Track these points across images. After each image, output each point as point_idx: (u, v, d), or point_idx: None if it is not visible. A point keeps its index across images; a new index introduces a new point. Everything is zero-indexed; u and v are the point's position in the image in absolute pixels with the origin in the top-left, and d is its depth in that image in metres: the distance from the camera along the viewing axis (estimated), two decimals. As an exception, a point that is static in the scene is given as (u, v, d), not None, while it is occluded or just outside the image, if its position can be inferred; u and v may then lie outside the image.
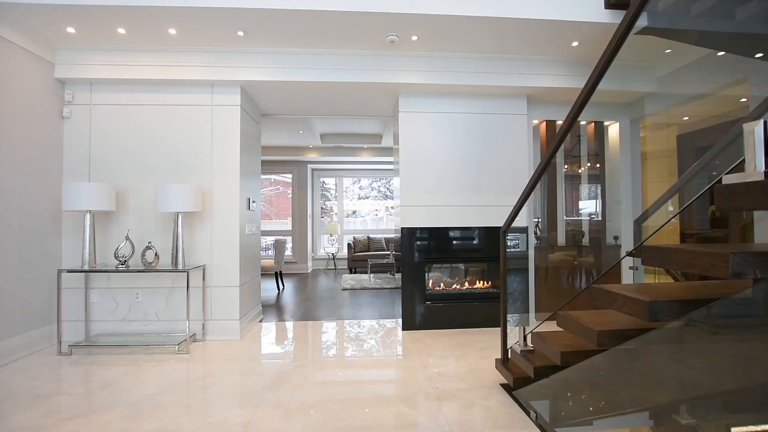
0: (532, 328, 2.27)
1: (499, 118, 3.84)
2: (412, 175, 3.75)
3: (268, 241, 8.33)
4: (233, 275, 3.50)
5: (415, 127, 3.78)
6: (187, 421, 2.04)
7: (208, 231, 3.51)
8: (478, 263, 4.06)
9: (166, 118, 3.51)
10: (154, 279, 3.43)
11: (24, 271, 3.04)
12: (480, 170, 3.80)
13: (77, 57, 3.31)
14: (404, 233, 3.74)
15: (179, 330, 3.38)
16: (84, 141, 3.45)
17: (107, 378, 2.60)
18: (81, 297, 3.40)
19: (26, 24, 2.90)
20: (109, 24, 2.93)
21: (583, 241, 4.40)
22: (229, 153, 3.53)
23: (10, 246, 2.93)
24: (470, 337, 3.46)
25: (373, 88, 3.62)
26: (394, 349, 3.22)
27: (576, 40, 3.23)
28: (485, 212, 3.78)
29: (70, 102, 3.44)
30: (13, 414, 2.11)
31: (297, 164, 8.47)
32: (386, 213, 9.71)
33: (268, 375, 2.66)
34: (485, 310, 3.77)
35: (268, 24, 2.95)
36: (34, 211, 3.15)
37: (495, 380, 2.50)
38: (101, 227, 3.42)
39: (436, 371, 2.70)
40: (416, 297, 3.74)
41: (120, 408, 2.18)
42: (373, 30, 3.04)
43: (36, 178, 3.16)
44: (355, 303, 5.05)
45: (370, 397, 2.31)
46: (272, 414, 2.11)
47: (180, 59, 3.34)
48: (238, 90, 3.53)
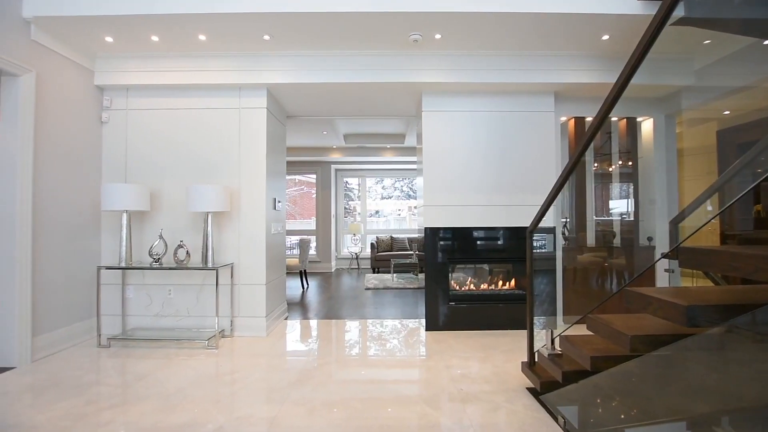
0: (561, 332, 2.21)
1: (525, 116, 3.75)
2: (435, 174, 3.72)
3: (293, 241, 8.48)
4: (260, 273, 3.59)
5: (439, 126, 3.75)
6: (216, 414, 2.10)
7: (236, 230, 3.61)
8: (503, 264, 3.99)
9: (197, 121, 3.63)
10: (185, 276, 3.56)
11: (67, 267, 3.23)
12: (505, 169, 3.73)
13: (115, 65, 3.49)
14: (427, 233, 3.72)
15: (208, 326, 3.50)
16: (121, 144, 3.63)
17: (142, 370, 2.72)
18: (118, 292, 3.58)
19: (69, 35, 3.08)
20: (143, 32, 3.07)
21: (614, 241, 4.24)
22: (256, 154, 3.62)
23: (55, 244, 3.11)
24: (494, 339, 3.40)
25: (397, 87, 3.62)
26: (417, 349, 3.21)
27: (606, 34, 3.11)
28: (510, 212, 3.71)
29: (108, 107, 3.62)
30: (58, 401, 2.24)
31: (321, 164, 8.58)
32: (409, 213, 9.68)
33: (292, 372, 2.71)
34: (510, 312, 3.70)
35: (293, 27, 3.00)
36: (76, 211, 3.34)
37: (521, 383, 2.45)
38: (136, 226, 3.58)
39: (459, 372, 2.67)
40: (439, 297, 3.71)
41: (153, 400, 2.27)
42: (396, 30, 3.04)
43: (78, 180, 3.35)
44: (378, 302, 5.07)
45: (392, 396, 2.32)
46: (297, 410, 2.14)
47: (209, 64, 3.46)
48: (264, 93, 3.61)
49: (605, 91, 1.69)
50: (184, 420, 2.04)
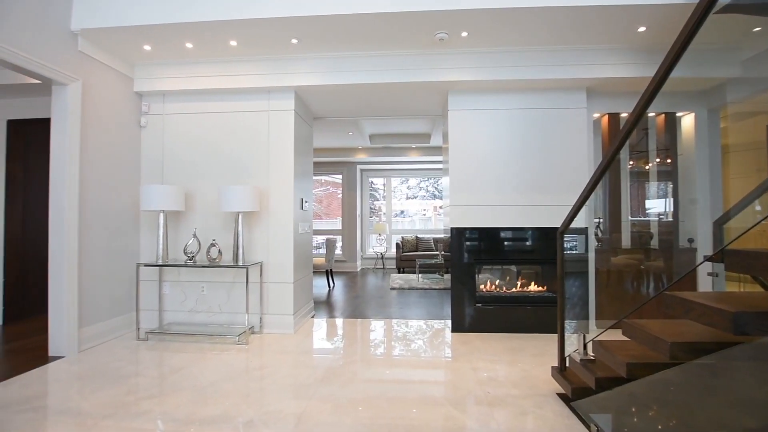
0: (594, 336, 2.13)
1: (555, 113, 3.64)
2: (461, 174, 3.68)
3: (319, 240, 8.62)
4: (288, 272, 3.67)
5: (465, 125, 3.70)
6: (246, 408, 2.17)
7: (264, 230, 3.70)
8: (532, 265, 3.89)
9: (228, 123, 3.76)
10: (217, 274, 3.69)
11: (109, 264, 3.42)
12: (534, 168, 3.63)
13: (152, 72, 3.66)
14: (453, 233, 3.68)
15: (239, 322, 3.61)
16: (158, 147, 3.81)
17: (177, 363, 2.85)
18: (155, 288, 3.75)
19: (112, 45, 3.26)
20: (178, 40, 3.21)
21: (651, 243, 4.03)
22: (284, 155, 3.70)
23: (99, 241, 3.31)
24: (522, 342, 3.32)
25: (422, 87, 3.61)
26: (443, 350, 3.19)
27: (643, 25, 2.97)
28: (540, 212, 3.61)
29: (146, 112, 3.81)
30: (101, 390, 2.38)
31: (346, 165, 8.67)
32: (434, 213, 9.62)
33: (319, 369, 2.75)
34: (539, 315, 3.60)
35: (320, 30, 3.05)
36: (117, 211, 3.53)
37: (550, 389, 2.38)
38: (172, 225, 3.75)
39: (486, 375, 2.63)
40: (466, 298, 3.67)
41: (188, 392, 2.37)
42: (422, 29, 3.03)
43: (119, 181, 3.54)
44: (403, 302, 5.06)
45: (418, 397, 2.31)
46: (324, 407, 2.18)
47: (239, 69, 3.57)
48: (292, 95, 3.69)
49: (641, 85, 1.62)
50: (216, 413, 2.11)
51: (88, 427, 1.96)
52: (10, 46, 2.57)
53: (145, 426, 1.97)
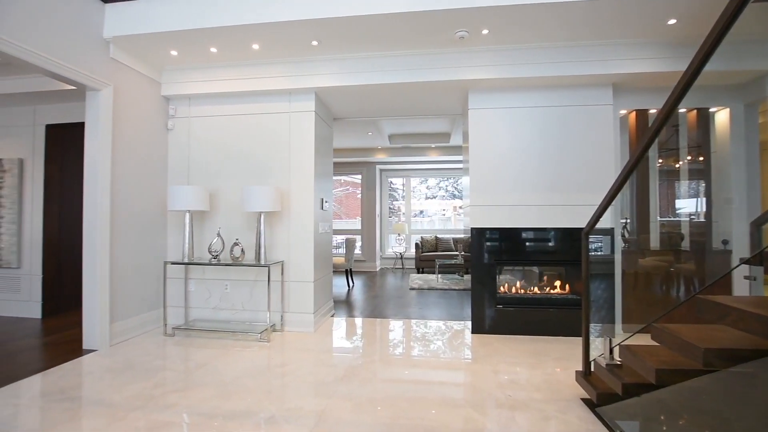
0: (621, 340, 2.06)
1: (580, 110, 3.54)
2: (482, 173, 3.63)
3: (339, 240, 8.69)
4: (308, 271, 3.71)
5: (486, 123, 3.65)
6: (268, 404, 2.21)
7: (286, 229, 3.76)
8: (555, 267, 3.79)
9: (250, 125, 3.84)
10: (240, 272, 3.78)
11: (138, 262, 3.56)
12: (558, 167, 3.55)
13: (179, 76, 3.78)
14: (474, 234, 3.64)
15: (261, 320, 3.69)
16: (184, 149, 3.93)
17: (202, 359, 2.93)
18: (181, 286, 3.88)
19: (141, 51, 3.39)
20: (204, 44, 3.30)
21: (682, 245, 3.87)
22: (305, 156, 3.75)
23: (128, 241, 3.44)
24: (545, 345, 3.25)
25: (442, 86, 3.58)
26: (462, 352, 3.15)
27: (673, 18, 2.85)
28: (563, 212, 3.52)
29: (173, 116, 3.93)
30: (131, 383, 2.48)
31: (366, 165, 8.70)
32: (454, 213, 9.53)
33: (339, 368, 2.77)
34: (562, 318, 3.51)
35: (340, 31, 3.07)
36: (146, 211, 3.66)
37: (574, 394, 2.32)
38: (198, 225, 3.86)
39: (507, 378, 2.58)
40: (486, 300, 3.62)
41: (212, 387, 2.44)
42: (442, 27, 3.01)
43: (147, 182, 3.68)
44: (422, 303, 5.04)
45: (437, 398, 2.29)
46: (343, 405, 2.19)
47: (262, 71, 3.64)
48: (312, 96, 3.73)
49: (671, 80, 1.56)
50: (239, 408, 2.16)
51: (119, 418, 2.04)
52: (49, 54, 2.71)
53: (171, 419, 2.04)
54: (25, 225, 4.30)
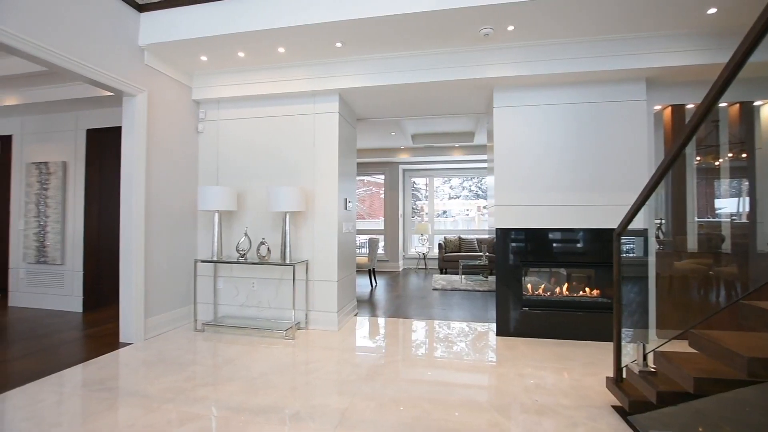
0: (656, 346, 1.98)
1: (610, 107, 3.42)
2: (507, 172, 3.56)
3: (362, 240, 8.74)
4: (332, 271, 3.76)
5: (511, 122, 3.58)
6: (293, 400, 2.25)
7: (310, 229, 3.82)
8: (584, 269, 3.67)
9: (276, 127, 3.92)
10: (266, 271, 3.87)
11: (171, 259, 3.70)
12: (588, 166, 3.43)
13: (208, 81, 3.91)
14: (498, 234, 3.57)
15: (286, 318, 3.76)
16: (213, 151, 4.06)
17: (230, 354, 3.02)
18: (211, 283, 4.01)
19: (173, 57, 3.53)
20: (232, 49, 3.40)
21: (723, 247, 3.66)
22: (329, 157, 3.79)
23: (161, 239, 3.59)
24: (573, 350, 3.15)
25: (466, 84, 3.54)
26: (486, 354, 3.10)
27: (713, 7, 2.70)
28: (593, 212, 3.40)
29: (203, 119, 4.07)
30: (164, 376, 2.58)
31: (389, 165, 8.71)
32: (478, 213, 9.40)
33: (362, 367, 2.79)
34: (591, 322, 3.40)
35: (364, 32, 3.09)
36: (177, 210, 3.81)
37: (605, 401, 2.24)
38: (226, 224, 3.98)
39: (533, 382, 2.52)
40: (511, 302, 3.55)
41: (239, 382, 2.50)
42: (467, 25, 2.97)
43: (179, 183, 3.82)
44: (445, 304, 5.00)
45: (461, 400, 2.27)
46: (367, 405, 2.20)
47: (287, 74, 3.71)
48: (336, 98, 3.77)
49: (710, 74, 1.48)
50: (265, 403, 2.21)
51: (153, 409, 2.13)
52: (90, 63, 2.87)
53: (201, 412, 2.11)
54: (68, 224, 4.57)
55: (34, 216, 4.65)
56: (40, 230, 4.62)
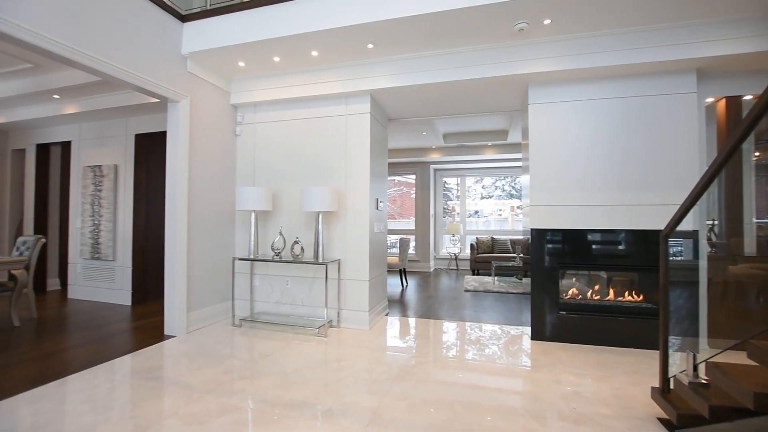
0: (708, 357, 1.84)
1: (656, 100, 3.22)
2: (543, 171, 3.44)
3: (393, 240, 8.76)
4: (363, 270, 3.79)
5: (548, 118, 3.46)
6: (325, 396, 2.30)
7: (342, 229, 3.88)
8: (626, 272, 3.48)
9: (309, 129, 4.01)
10: (300, 269, 3.96)
11: (210, 257, 3.88)
12: (631, 163, 3.26)
13: (246, 85, 4.06)
14: (534, 235, 3.46)
15: (319, 315, 3.84)
16: (250, 153, 4.21)
17: (265, 349, 3.12)
18: (247, 281, 4.16)
19: (213, 64, 3.69)
20: (268, 54, 3.51)
21: (787, 250, 3.35)
22: (361, 157, 3.83)
23: (202, 238, 3.77)
24: (614, 357, 3.00)
25: (500, 81, 3.45)
26: (520, 358, 3.02)
27: (777, -10, 2.48)
28: (636, 213, 3.22)
29: (240, 122, 4.24)
30: (204, 367, 2.71)
31: (420, 165, 8.67)
32: (511, 213, 9.15)
33: (393, 367, 2.80)
34: (634, 328, 3.22)
35: (396, 32, 3.09)
36: (218, 210, 3.99)
37: (650, 412, 2.11)
38: (262, 224, 4.12)
39: (570, 390, 2.43)
40: (547, 305, 3.43)
41: (274, 376, 2.58)
42: (501, 20, 2.91)
43: (218, 184, 4.00)
44: (477, 305, 4.91)
45: (494, 404, 2.22)
46: (398, 405, 2.21)
47: (320, 77, 3.78)
48: (368, 99, 3.80)
49: (777, 62, 1.35)
50: (299, 398, 2.27)
51: (195, 399, 2.24)
52: (139, 72, 3.06)
53: (239, 404, 2.20)
54: (119, 223, 4.90)
55: (90, 215, 5.02)
56: (95, 228, 4.98)
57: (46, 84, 4.31)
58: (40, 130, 5.51)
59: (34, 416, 2.04)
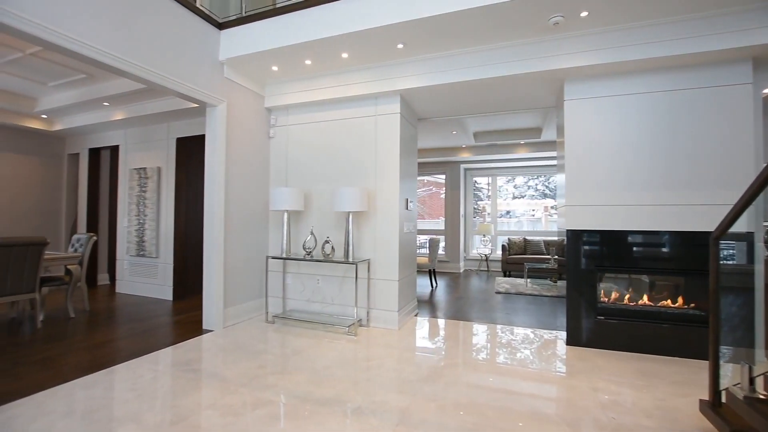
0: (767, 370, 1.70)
1: (707, 93, 3.01)
2: (580, 169, 3.31)
3: (422, 240, 8.71)
4: (393, 270, 3.80)
5: (585, 115, 3.32)
6: (354, 394, 2.32)
7: (372, 229, 3.90)
8: (671, 276, 3.28)
9: (339, 130, 4.07)
10: (330, 268, 4.03)
11: (245, 255, 4.02)
12: (676, 161, 3.07)
13: (278, 89, 4.18)
14: (570, 236, 3.33)
15: (348, 314, 3.88)
16: (282, 154, 4.33)
17: (297, 346, 3.20)
18: (280, 278, 4.27)
19: (248, 69, 3.82)
20: (300, 58, 3.59)
21: None
22: (390, 157, 3.84)
23: (238, 236, 3.91)
24: (657, 366, 2.83)
25: (533, 78, 3.35)
26: (555, 363, 2.92)
27: None
28: (683, 213, 3.03)
29: (274, 125, 4.36)
30: (240, 361, 2.81)
31: (450, 165, 8.58)
32: (545, 213, 8.86)
33: (422, 367, 2.78)
34: (680, 336, 3.03)
35: (426, 31, 3.08)
36: (252, 210, 4.12)
37: (697, 426, 1.98)
38: (294, 223, 4.22)
39: (608, 398, 2.32)
40: (584, 309, 3.29)
41: (306, 373, 2.64)
42: (535, 15, 2.82)
43: (253, 185, 4.14)
44: (509, 308, 4.79)
45: (527, 410, 2.16)
46: (427, 406, 2.19)
47: (350, 78, 3.82)
48: (398, 99, 3.81)
49: None
50: (329, 395, 2.31)
51: (231, 391, 2.33)
52: (180, 79, 3.22)
53: (272, 398, 2.26)
54: (161, 222, 5.17)
55: (135, 215, 5.34)
56: (140, 227, 5.29)
57: (97, 92, 4.63)
58: (92, 135, 5.92)
59: (88, 400, 2.20)
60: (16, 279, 3.46)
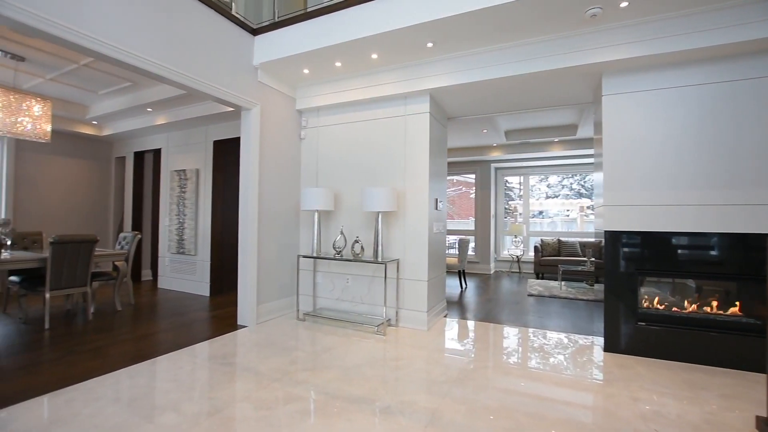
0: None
1: (758, 84, 2.79)
2: (619, 168, 3.16)
3: (452, 240, 8.61)
4: (422, 270, 3.78)
5: (624, 110, 3.17)
6: (384, 393, 2.33)
7: (401, 229, 3.91)
8: (720, 281, 3.06)
9: (369, 130, 4.10)
10: (360, 268, 4.07)
11: (278, 254, 4.13)
12: (725, 157, 2.86)
13: (309, 91, 4.26)
14: (608, 237, 3.19)
15: (377, 314, 3.90)
16: (313, 155, 4.41)
17: (327, 344, 3.25)
18: (310, 277, 4.36)
19: (280, 72, 3.93)
20: (330, 60, 3.65)
21: None
22: (420, 157, 3.83)
23: (271, 235, 4.03)
24: (705, 378, 2.66)
25: (569, 73, 3.23)
26: (590, 370, 2.80)
27: None
28: (733, 213, 2.83)
29: (305, 126, 4.46)
30: (272, 357, 2.90)
31: (480, 164, 8.43)
32: (580, 213, 8.52)
33: (451, 369, 2.75)
34: (731, 345, 2.82)
35: (456, 29, 3.04)
36: (284, 210, 4.23)
37: (751, 442, 1.84)
38: (324, 223, 4.29)
39: (650, 409, 2.20)
40: (623, 314, 3.14)
41: (336, 370, 2.68)
42: (570, 7, 2.72)
43: (284, 186, 4.25)
44: (542, 311, 4.65)
45: (560, 418, 2.09)
46: (457, 408, 2.17)
47: (379, 79, 3.84)
48: (427, 98, 3.79)
49: None
50: (358, 393, 2.33)
51: (264, 385, 2.41)
52: (218, 84, 3.36)
53: (302, 394, 2.32)
54: (199, 221, 5.41)
55: (176, 214, 5.62)
56: (180, 226, 5.56)
57: (141, 99, 4.92)
58: (137, 139, 6.29)
59: (133, 388, 2.34)
60: (70, 274, 3.74)
